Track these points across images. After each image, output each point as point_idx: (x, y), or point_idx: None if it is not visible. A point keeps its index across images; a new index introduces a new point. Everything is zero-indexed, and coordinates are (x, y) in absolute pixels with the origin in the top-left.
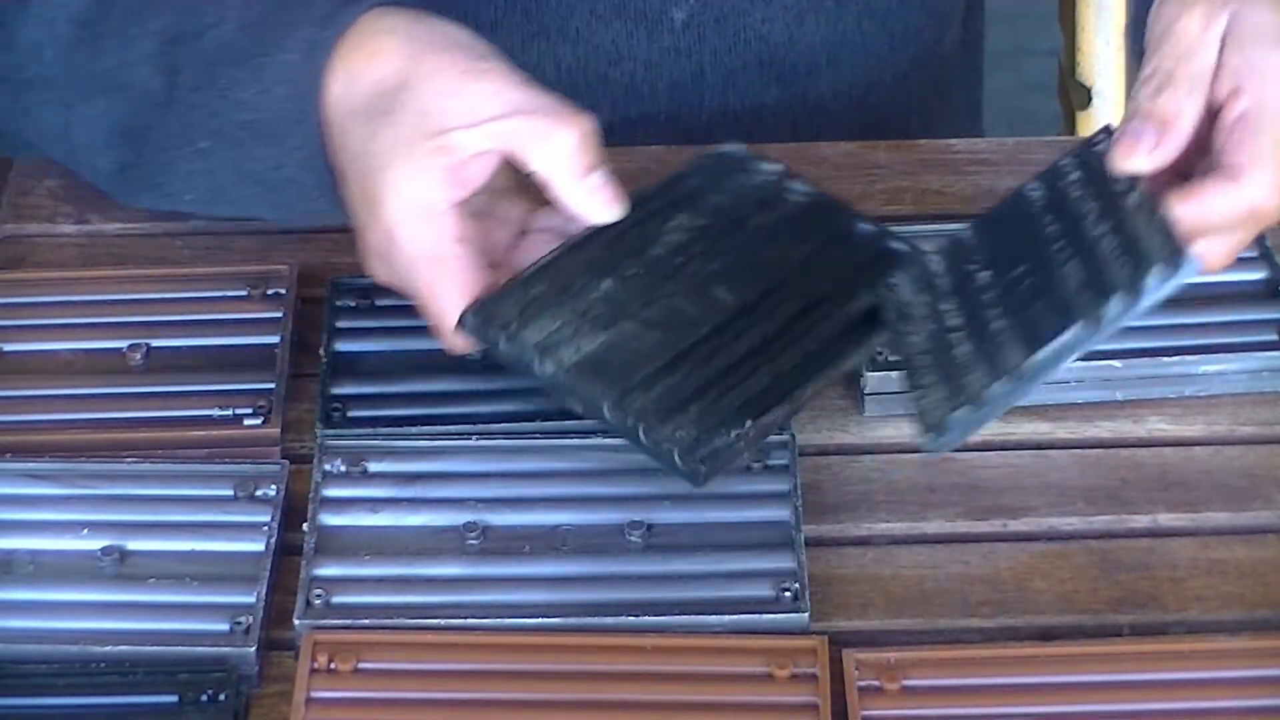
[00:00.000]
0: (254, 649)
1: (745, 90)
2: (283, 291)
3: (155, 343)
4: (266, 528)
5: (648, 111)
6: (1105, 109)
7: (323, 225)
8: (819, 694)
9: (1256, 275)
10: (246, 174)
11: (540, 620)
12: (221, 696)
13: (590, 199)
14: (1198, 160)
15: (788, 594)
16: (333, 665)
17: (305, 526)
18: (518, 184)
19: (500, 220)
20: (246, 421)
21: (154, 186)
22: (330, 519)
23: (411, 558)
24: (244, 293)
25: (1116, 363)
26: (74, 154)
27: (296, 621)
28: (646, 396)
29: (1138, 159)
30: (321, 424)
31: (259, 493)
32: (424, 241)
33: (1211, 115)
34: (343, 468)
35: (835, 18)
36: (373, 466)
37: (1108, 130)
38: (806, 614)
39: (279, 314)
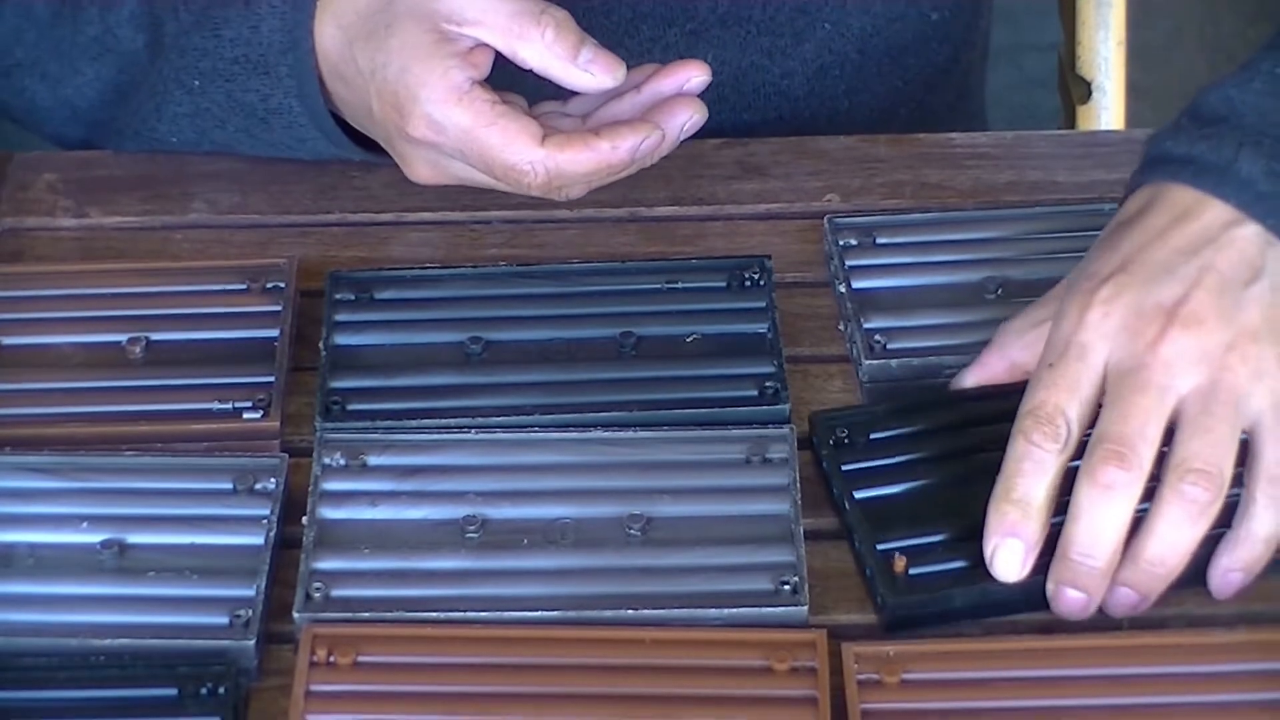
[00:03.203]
0: (253, 642)
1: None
2: (282, 285)
3: (155, 336)
4: (266, 521)
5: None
6: (1105, 103)
7: (320, 222)
8: (818, 687)
9: None
10: (237, 108)
11: (539, 613)
12: (221, 690)
13: (588, 77)
14: None
15: (787, 587)
16: (332, 659)
17: (305, 520)
18: None
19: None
20: (246, 415)
21: (136, 134)
22: (330, 512)
23: (411, 551)
24: (243, 286)
25: None
26: (76, 118)
27: (296, 615)
28: None
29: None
30: (321, 417)
31: (258, 486)
32: (466, 115)
33: None
34: (342, 461)
35: (858, 66)
36: (372, 460)
37: None
38: (806, 607)
39: (278, 307)
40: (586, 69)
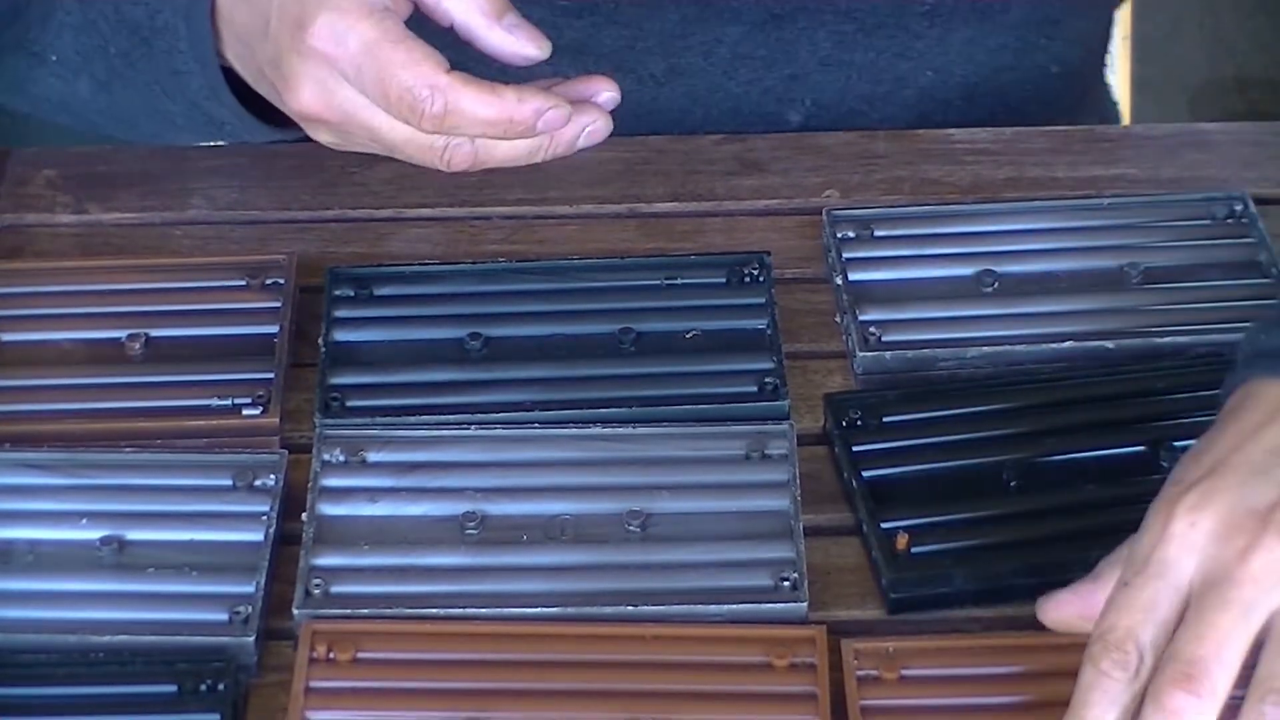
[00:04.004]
0: (253, 639)
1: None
2: (281, 281)
3: (154, 332)
4: (265, 517)
5: None
6: None
7: (319, 218)
8: (818, 683)
9: None
10: (124, 24)
11: (539, 610)
12: (220, 686)
13: (510, 40)
14: None
15: (786, 583)
16: (331, 655)
17: (304, 516)
18: None
19: None
20: (245, 411)
21: (17, 47)
22: (329, 509)
23: (410, 547)
24: (243, 282)
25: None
26: None
27: (295, 611)
28: None
29: None
30: (320, 414)
31: (258, 482)
32: (374, 30)
33: None
34: (341, 457)
35: (963, 112)
36: (371, 456)
37: None
38: (805, 603)
39: (278, 303)
40: (510, 31)
